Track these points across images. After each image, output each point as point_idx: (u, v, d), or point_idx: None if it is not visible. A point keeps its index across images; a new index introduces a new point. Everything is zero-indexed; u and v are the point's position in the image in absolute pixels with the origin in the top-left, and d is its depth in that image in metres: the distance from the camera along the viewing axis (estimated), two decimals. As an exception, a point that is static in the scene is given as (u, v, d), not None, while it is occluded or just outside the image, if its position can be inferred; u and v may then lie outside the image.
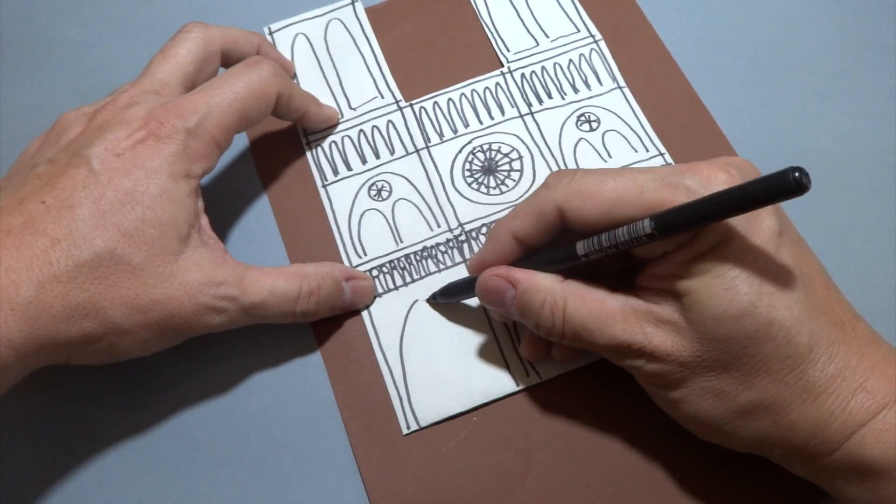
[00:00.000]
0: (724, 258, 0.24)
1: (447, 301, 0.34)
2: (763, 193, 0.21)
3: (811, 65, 0.40)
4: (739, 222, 0.25)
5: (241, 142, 0.39)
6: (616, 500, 0.30)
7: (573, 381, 0.32)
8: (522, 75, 0.40)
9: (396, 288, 0.35)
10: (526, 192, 0.37)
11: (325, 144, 0.38)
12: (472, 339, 0.33)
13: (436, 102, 0.39)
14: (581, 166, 0.37)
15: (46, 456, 0.32)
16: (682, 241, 0.25)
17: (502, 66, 0.40)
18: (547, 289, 0.28)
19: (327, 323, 0.34)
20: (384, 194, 0.37)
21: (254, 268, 0.31)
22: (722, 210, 0.23)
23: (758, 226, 0.25)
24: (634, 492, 0.31)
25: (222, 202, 0.37)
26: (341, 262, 0.35)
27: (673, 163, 0.37)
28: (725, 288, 0.24)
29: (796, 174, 0.20)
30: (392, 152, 0.38)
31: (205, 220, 0.31)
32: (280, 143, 0.39)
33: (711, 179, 0.25)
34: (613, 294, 0.27)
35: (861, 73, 0.39)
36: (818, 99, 0.39)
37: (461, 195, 0.37)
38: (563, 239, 0.30)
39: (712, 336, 0.25)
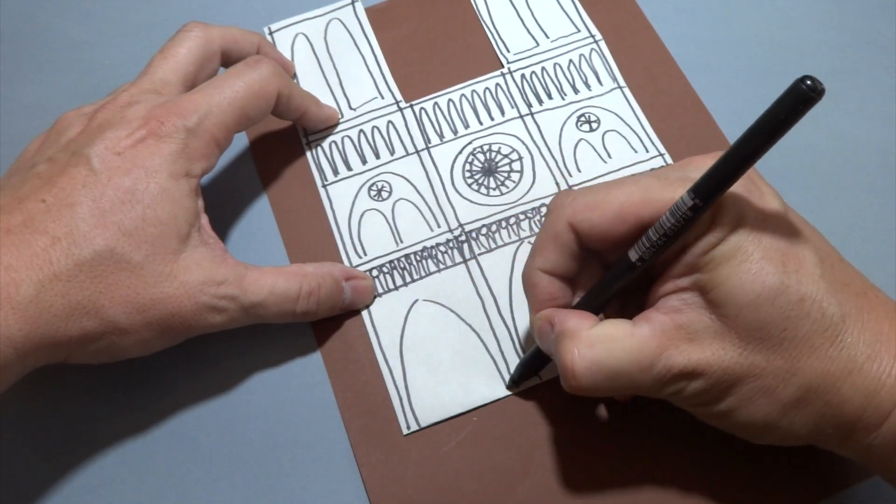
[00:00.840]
0: (743, 242, 0.24)
1: (528, 381, 0.32)
2: (785, 112, 0.21)
3: (811, 65, 0.40)
4: (747, 208, 0.24)
5: (241, 142, 0.39)
6: (615, 500, 0.30)
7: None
8: (522, 76, 0.40)
9: (396, 288, 0.35)
10: (526, 192, 0.37)
11: (325, 144, 0.38)
12: (472, 340, 0.33)
13: (436, 103, 0.39)
14: (581, 167, 0.37)
15: (46, 456, 0.32)
16: (699, 232, 0.24)
17: (502, 66, 0.40)
18: (572, 335, 0.26)
19: (327, 323, 0.34)
20: (384, 194, 0.37)
21: (254, 267, 0.31)
22: (754, 148, 0.22)
23: (764, 209, 0.25)
24: (634, 491, 0.31)
25: (222, 202, 0.37)
26: (341, 262, 0.35)
27: (673, 163, 0.37)
28: (754, 271, 0.24)
29: (808, 82, 0.20)
30: (392, 153, 0.38)
31: (205, 220, 0.31)
32: (280, 143, 0.39)
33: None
34: (638, 323, 0.26)
35: (861, 73, 0.39)
36: (818, 99, 0.39)
37: (461, 196, 0.37)
38: (598, 270, 0.29)
39: (750, 326, 0.24)
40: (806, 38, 0.41)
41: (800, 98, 0.20)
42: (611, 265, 0.28)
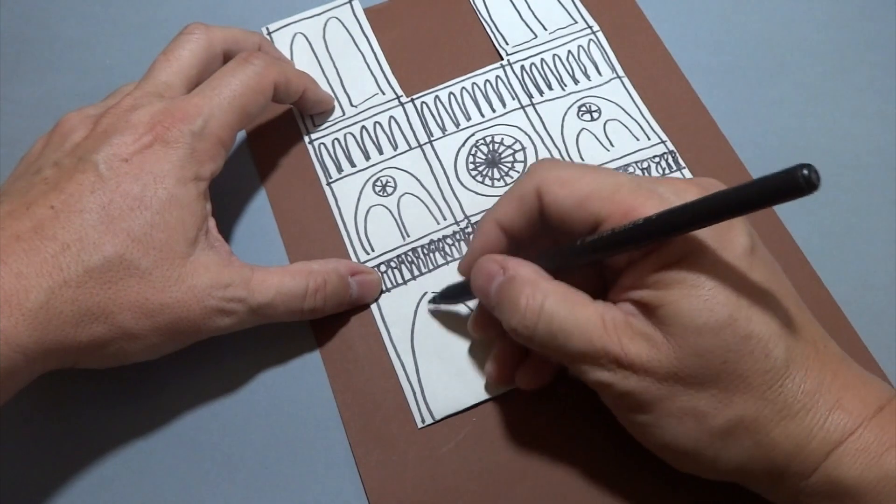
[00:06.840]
0: (697, 269, 0.24)
1: (448, 304, 0.33)
2: (770, 191, 0.20)
3: (811, 65, 0.40)
4: (710, 236, 0.24)
5: (240, 141, 0.39)
6: (614, 501, 0.30)
7: (574, 382, 0.32)
8: (522, 67, 0.40)
9: (405, 282, 0.35)
10: (529, 183, 0.37)
11: (328, 142, 0.38)
12: None
13: (437, 97, 0.39)
14: (584, 156, 0.37)
15: (48, 455, 0.32)
16: (648, 250, 0.25)
17: (501, 58, 0.40)
18: (531, 281, 0.27)
19: (326, 322, 0.34)
20: (389, 189, 0.37)
21: (259, 268, 0.31)
22: (728, 208, 0.22)
23: (729, 241, 0.25)
24: (633, 492, 0.31)
25: (222, 203, 0.37)
26: (349, 259, 0.35)
27: (675, 150, 0.37)
28: (704, 298, 0.24)
29: (804, 172, 0.19)
30: (395, 148, 0.38)
31: (212, 223, 0.31)
32: (280, 142, 0.39)
33: (685, 192, 0.25)
34: (595, 301, 0.26)
35: (861, 73, 0.39)
36: (818, 99, 0.39)
37: (466, 188, 0.37)
38: (547, 242, 0.29)
39: (691, 350, 0.24)
40: (806, 38, 0.41)
41: (791, 184, 0.20)
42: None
